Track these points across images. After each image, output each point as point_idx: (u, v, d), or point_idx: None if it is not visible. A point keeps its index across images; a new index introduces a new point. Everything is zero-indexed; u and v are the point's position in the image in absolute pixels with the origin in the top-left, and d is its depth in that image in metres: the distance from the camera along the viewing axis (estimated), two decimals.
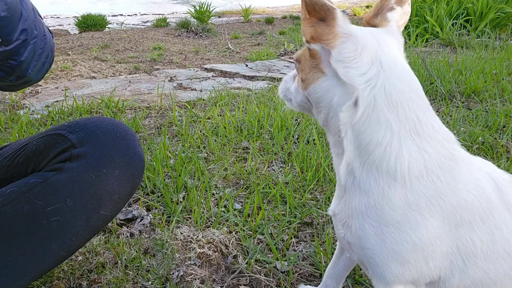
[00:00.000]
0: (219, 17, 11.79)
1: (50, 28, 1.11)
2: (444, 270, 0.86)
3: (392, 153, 0.80)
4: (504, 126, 2.51)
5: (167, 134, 2.54)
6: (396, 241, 0.82)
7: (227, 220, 1.67)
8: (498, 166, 1.01)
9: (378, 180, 0.82)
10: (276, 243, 1.54)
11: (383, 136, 0.80)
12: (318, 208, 1.73)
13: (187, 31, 8.20)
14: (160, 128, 2.69)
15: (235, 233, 1.59)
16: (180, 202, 1.80)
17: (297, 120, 2.71)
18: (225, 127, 2.58)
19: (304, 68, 0.89)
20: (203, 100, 3.32)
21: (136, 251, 1.47)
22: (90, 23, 8.59)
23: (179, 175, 1.96)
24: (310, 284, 1.34)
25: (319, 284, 1.26)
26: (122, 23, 10.12)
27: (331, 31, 0.80)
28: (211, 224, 1.65)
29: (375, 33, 0.84)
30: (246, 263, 1.43)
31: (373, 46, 0.81)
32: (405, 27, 6.00)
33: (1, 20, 0.85)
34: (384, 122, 0.79)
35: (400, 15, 0.91)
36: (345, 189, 0.89)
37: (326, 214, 1.69)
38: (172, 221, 1.64)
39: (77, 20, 8.82)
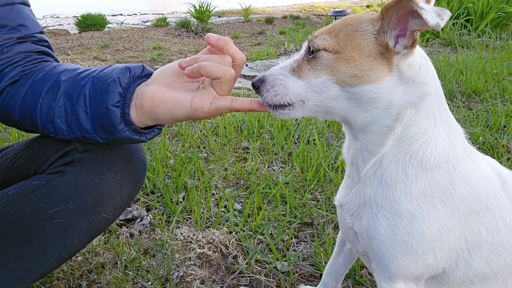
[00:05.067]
0: (219, 16, 11.78)
1: (49, 28, 1.11)
2: (450, 262, 0.87)
3: (431, 141, 0.83)
4: (505, 126, 2.51)
5: (167, 134, 2.54)
6: (408, 232, 0.83)
7: (227, 221, 1.66)
8: None
9: (407, 170, 0.83)
10: (276, 243, 1.54)
11: (428, 126, 0.83)
12: (319, 208, 1.73)
13: (187, 31, 8.20)
14: None
15: (235, 233, 1.59)
16: (180, 202, 1.79)
17: (297, 120, 2.70)
18: (225, 127, 2.57)
19: (356, 62, 0.79)
20: None
21: (136, 251, 1.47)
22: (90, 23, 8.58)
23: (179, 175, 1.96)
24: (310, 285, 1.34)
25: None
26: (122, 22, 10.12)
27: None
28: (211, 224, 1.65)
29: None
30: (246, 264, 1.43)
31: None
32: None
33: None
34: (431, 115, 0.83)
35: None
36: (360, 179, 0.90)
37: (326, 214, 1.69)
38: (172, 221, 1.64)
39: (76, 20, 8.81)
